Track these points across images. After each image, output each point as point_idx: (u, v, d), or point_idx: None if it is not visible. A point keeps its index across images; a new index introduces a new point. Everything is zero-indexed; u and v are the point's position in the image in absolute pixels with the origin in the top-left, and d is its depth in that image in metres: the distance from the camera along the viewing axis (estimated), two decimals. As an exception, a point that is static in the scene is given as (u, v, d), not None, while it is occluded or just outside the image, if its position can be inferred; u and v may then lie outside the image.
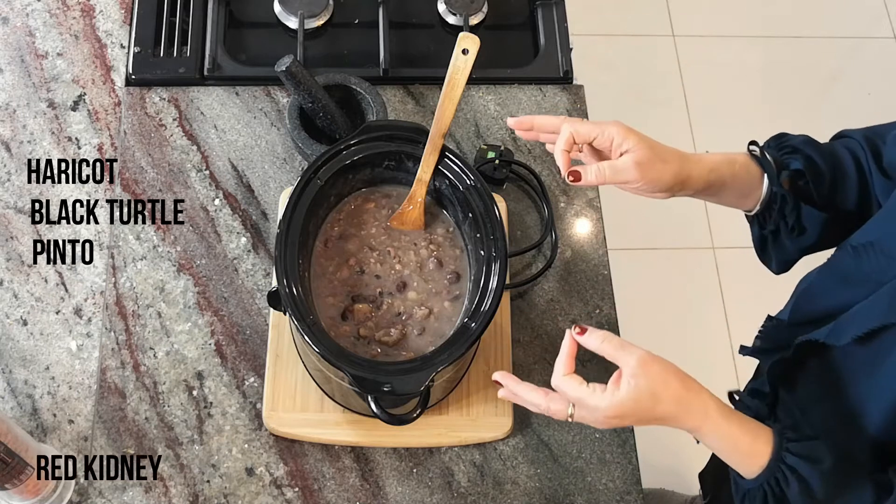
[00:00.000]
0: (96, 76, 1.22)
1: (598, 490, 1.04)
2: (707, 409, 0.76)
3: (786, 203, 0.87)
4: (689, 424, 0.77)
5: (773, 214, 0.89)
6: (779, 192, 0.87)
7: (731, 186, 0.88)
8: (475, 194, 0.96)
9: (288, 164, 1.19)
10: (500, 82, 1.27)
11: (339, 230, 1.01)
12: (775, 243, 0.92)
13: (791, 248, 0.91)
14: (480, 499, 1.03)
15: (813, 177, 0.88)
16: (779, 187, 0.87)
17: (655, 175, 0.83)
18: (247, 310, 1.10)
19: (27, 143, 1.17)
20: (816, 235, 0.89)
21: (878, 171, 0.87)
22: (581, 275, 1.16)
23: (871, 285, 0.77)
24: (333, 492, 1.02)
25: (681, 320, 2.20)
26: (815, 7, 2.66)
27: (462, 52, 0.95)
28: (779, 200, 0.87)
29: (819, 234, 0.89)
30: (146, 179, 1.16)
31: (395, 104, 1.24)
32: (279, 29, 1.29)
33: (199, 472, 1.01)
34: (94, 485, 1.00)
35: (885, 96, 2.51)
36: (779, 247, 0.92)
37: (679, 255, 2.30)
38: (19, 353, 1.06)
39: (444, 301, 0.98)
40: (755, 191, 0.88)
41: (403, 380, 0.87)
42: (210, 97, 1.22)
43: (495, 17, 1.34)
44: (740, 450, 0.77)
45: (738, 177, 0.88)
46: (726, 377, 2.06)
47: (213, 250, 1.13)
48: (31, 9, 1.25)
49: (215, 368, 1.06)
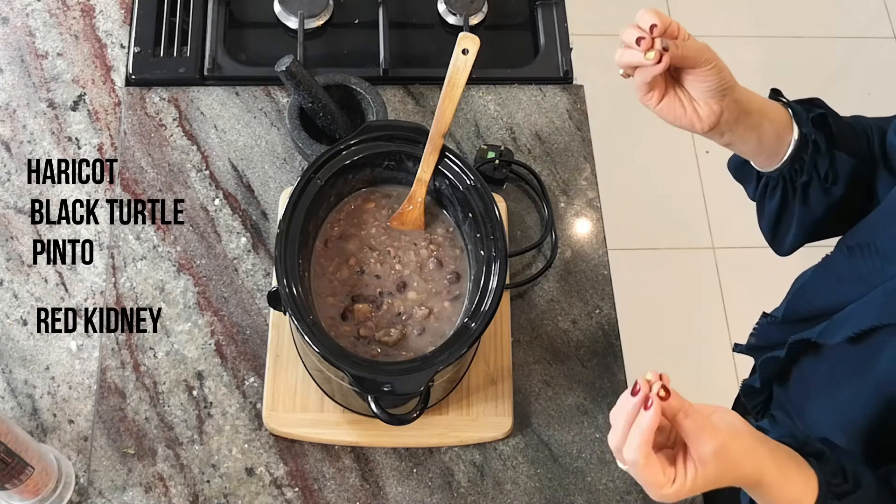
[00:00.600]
0: (96, 76, 1.22)
1: (598, 490, 1.04)
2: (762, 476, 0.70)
3: (819, 148, 0.85)
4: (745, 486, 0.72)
5: (805, 163, 0.86)
6: (809, 134, 0.85)
7: (769, 118, 0.85)
8: (475, 194, 0.96)
9: (288, 164, 1.19)
10: (500, 82, 1.27)
11: (339, 230, 1.01)
12: (804, 202, 0.88)
13: (819, 204, 0.87)
14: (480, 499, 1.03)
15: (835, 121, 0.86)
16: (809, 129, 0.85)
17: (721, 68, 0.80)
18: (247, 310, 1.10)
19: (27, 143, 1.17)
20: (845, 185, 0.86)
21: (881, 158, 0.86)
22: (581, 275, 1.16)
23: (865, 286, 0.77)
24: (333, 492, 1.02)
25: (681, 320, 2.20)
26: (815, 7, 2.66)
27: (462, 52, 0.95)
28: (811, 146, 0.85)
29: (847, 185, 0.86)
30: (146, 179, 1.16)
31: (395, 104, 1.24)
32: (279, 29, 1.29)
33: (199, 472, 1.01)
34: (94, 485, 1.00)
35: (885, 96, 2.51)
36: (806, 208, 0.88)
37: (679, 255, 2.30)
38: (19, 353, 1.06)
39: (444, 301, 0.98)
40: (787, 132, 0.86)
41: (403, 380, 0.87)
42: (210, 97, 1.22)
43: (495, 17, 1.34)
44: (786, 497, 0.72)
45: (770, 109, 0.86)
46: (726, 376, 2.06)
47: (213, 250, 1.13)
48: (31, 9, 1.25)
49: (215, 368, 1.06)
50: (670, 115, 0.83)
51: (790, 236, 0.92)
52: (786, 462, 0.71)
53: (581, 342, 1.12)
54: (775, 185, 0.89)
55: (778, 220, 0.91)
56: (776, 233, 0.93)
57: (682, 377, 0.80)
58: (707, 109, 0.82)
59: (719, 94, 0.81)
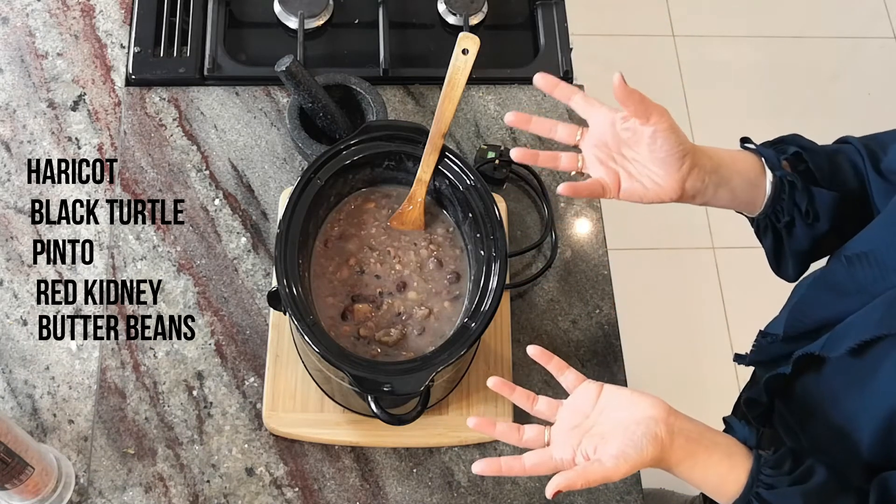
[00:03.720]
0: (96, 76, 1.22)
1: (598, 490, 1.04)
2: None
3: (795, 188, 0.86)
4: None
5: (784, 204, 0.86)
6: (784, 176, 0.86)
7: (738, 171, 0.86)
8: (475, 194, 0.96)
9: (288, 164, 1.19)
10: (500, 82, 1.27)
11: (339, 230, 1.01)
12: (790, 237, 0.89)
13: (805, 238, 0.89)
14: (480, 499, 1.03)
15: (811, 157, 0.87)
16: (782, 171, 0.86)
17: (678, 134, 0.81)
18: (247, 310, 1.10)
19: (27, 143, 1.17)
20: (829, 220, 0.87)
21: (874, 171, 0.86)
22: (581, 275, 1.16)
23: (864, 296, 0.76)
24: (333, 492, 1.02)
25: (681, 320, 2.20)
26: (815, 7, 2.66)
27: (462, 52, 0.95)
28: (787, 187, 0.86)
29: (831, 219, 0.87)
30: (146, 179, 1.16)
31: (395, 104, 1.24)
32: (279, 29, 1.29)
33: (199, 472, 1.01)
34: (94, 485, 1.00)
35: (885, 96, 2.51)
36: (794, 241, 0.90)
37: (679, 255, 2.30)
38: (19, 353, 1.06)
39: (444, 301, 0.98)
40: (760, 179, 0.86)
41: (403, 380, 0.87)
42: (210, 97, 1.22)
43: (495, 17, 1.34)
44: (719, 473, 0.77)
45: (739, 160, 0.87)
46: (726, 377, 2.06)
47: (213, 250, 1.13)
48: (31, 9, 1.25)
49: (215, 368, 1.06)
50: (635, 196, 0.84)
51: (790, 268, 0.93)
52: (716, 440, 0.76)
53: (581, 342, 1.12)
54: (765, 227, 0.90)
55: (776, 255, 0.93)
56: (779, 266, 0.95)
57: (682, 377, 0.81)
58: (669, 180, 0.83)
59: (678, 157, 0.82)
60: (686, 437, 0.75)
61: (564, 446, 0.77)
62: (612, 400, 0.79)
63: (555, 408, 0.81)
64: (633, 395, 0.78)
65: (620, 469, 0.73)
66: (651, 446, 0.73)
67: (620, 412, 0.77)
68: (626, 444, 0.74)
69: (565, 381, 0.83)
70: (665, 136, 0.80)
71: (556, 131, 0.88)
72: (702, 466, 0.75)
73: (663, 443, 0.74)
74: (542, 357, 0.84)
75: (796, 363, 0.82)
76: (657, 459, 0.74)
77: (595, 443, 0.75)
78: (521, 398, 0.83)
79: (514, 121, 0.87)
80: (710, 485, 0.76)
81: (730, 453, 0.76)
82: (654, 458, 0.74)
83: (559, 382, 0.83)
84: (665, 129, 0.80)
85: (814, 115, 2.43)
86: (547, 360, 0.84)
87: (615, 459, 0.73)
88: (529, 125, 0.88)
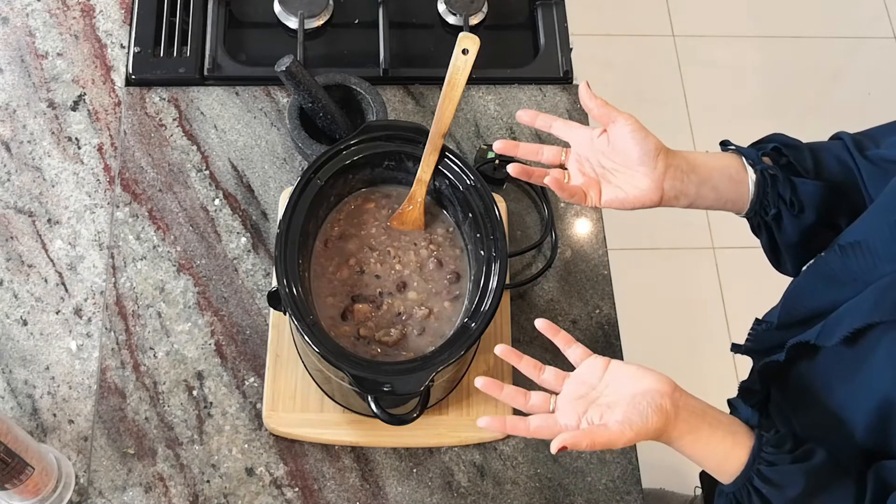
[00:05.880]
0: (96, 76, 1.22)
1: (598, 490, 1.04)
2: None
3: (777, 180, 0.87)
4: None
5: (769, 197, 0.88)
6: (765, 169, 0.87)
7: (716, 168, 0.88)
8: (475, 194, 0.96)
9: (288, 164, 1.19)
10: (500, 82, 1.27)
11: (339, 230, 1.01)
12: (780, 231, 0.90)
13: (794, 231, 0.90)
14: (480, 499, 1.03)
15: (791, 152, 0.88)
16: (763, 165, 0.87)
17: (646, 134, 0.85)
18: (247, 310, 1.10)
19: (27, 143, 1.17)
20: (815, 210, 0.88)
21: (862, 157, 0.87)
22: (581, 275, 1.16)
23: (857, 285, 0.77)
24: (333, 492, 1.02)
25: (681, 320, 2.20)
26: (815, 7, 2.66)
27: (462, 52, 0.95)
28: (769, 181, 0.87)
29: (817, 209, 0.88)
30: (146, 179, 1.16)
31: (395, 104, 1.24)
32: (279, 29, 1.29)
33: (199, 472, 1.01)
34: (94, 485, 1.00)
35: (885, 96, 2.51)
36: (784, 235, 0.91)
37: (679, 255, 2.30)
38: (19, 353, 1.06)
39: (444, 301, 0.98)
40: (742, 175, 0.88)
41: (403, 380, 0.87)
42: (210, 97, 1.22)
43: (495, 17, 1.34)
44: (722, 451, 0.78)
45: (717, 158, 0.88)
46: (726, 377, 2.06)
47: (213, 250, 1.13)
48: (31, 9, 1.25)
49: (215, 368, 1.06)
50: (616, 202, 0.88)
51: (788, 263, 0.95)
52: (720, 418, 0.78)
53: (581, 342, 1.11)
54: (757, 224, 0.92)
55: (773, 250, 0.94)
56: (777, 262, 0.96)
57: (682, 376, 0.81)
58: (647, 181, 0.86)
59: (652, 156, 0.85)
60: (690, 412, 0.76)
61: (570, 413, 0.78)
62: (619, 374, 0.80)
63: (561, 379, 0.83)
64: (640, 369, 0.79)
65: (625, 435, 0.74)
66: (656, 416, 0.74)
67: (626, 385, 0.78)
68: (632, 412, 0.75)
69: (572, 354, 0.85)
70: (633, 135, 0.85)
71: (543, 154, 0.91)
72: (704, 442, 0.76)
73: (668, 415, 0.75)
74: (549, 330, 0.86)
75: (790, 351, 0.83)
76: (661, 431, 0.75)
77: (601, 411, 0.77)
78: (528, 367, 0.84)
79: (501, 148, 0.91)
80: (713, 461, 0.77)
81: (733, 431, 0.77)
82: (657, 430, 0.75)
83: (566, 356, 0.85)
84: (633, 128, 0.85)
85: (814, 115, 2.43)
86: (554, 334, 0.86)
87: (620, 425, 0.74)
88: (517, 151, 0.91)
